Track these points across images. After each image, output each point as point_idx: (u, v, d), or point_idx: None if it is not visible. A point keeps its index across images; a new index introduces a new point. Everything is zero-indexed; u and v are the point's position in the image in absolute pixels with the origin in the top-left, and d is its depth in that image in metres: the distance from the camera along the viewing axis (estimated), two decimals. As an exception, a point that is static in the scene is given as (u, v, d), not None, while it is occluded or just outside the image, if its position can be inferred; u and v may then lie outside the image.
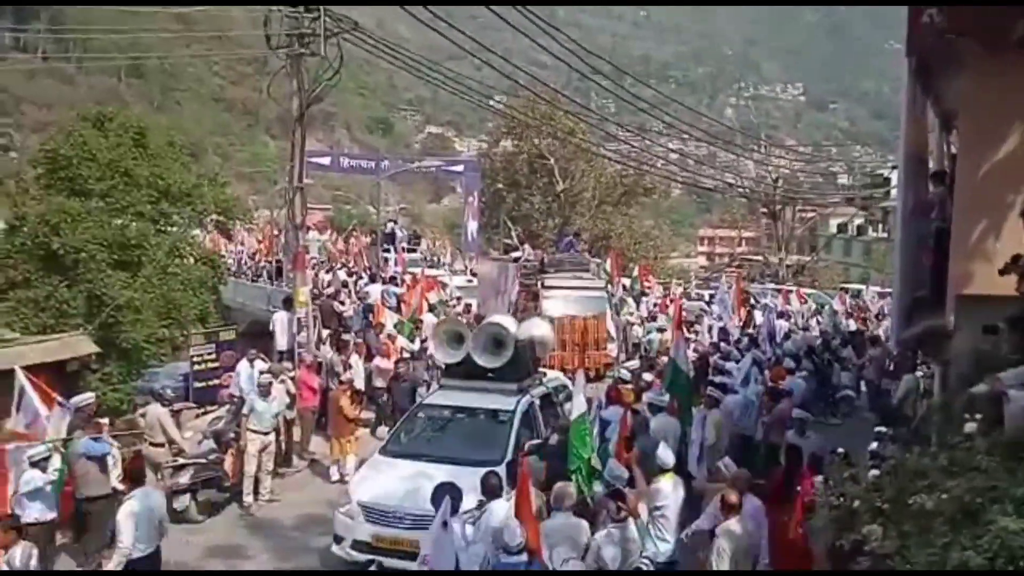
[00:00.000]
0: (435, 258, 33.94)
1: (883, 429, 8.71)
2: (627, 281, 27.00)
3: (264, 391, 12.23)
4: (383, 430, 14.42)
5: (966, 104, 8.16)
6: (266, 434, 12.11)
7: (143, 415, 12.13)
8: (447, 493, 7.25)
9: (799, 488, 7.67)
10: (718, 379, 13.39)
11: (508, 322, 11.96)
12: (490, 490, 7.83)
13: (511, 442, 10.10)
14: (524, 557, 6.74)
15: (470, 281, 26.98)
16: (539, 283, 21.17)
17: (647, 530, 7.50)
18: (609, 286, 22.30)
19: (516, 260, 23.72)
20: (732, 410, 11.97)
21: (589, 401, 9.63)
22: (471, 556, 7.04)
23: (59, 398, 10.62)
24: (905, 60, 8.53)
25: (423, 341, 17.40)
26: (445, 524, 6.75)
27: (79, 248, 18.78)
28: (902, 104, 8.95)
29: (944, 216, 8.51)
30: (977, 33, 7.22)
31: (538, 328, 12.62)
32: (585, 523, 7.57)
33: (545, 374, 12.33)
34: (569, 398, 11.95)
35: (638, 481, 8.12)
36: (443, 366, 12.22)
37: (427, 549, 6.97)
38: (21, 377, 10.49)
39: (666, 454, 8.30)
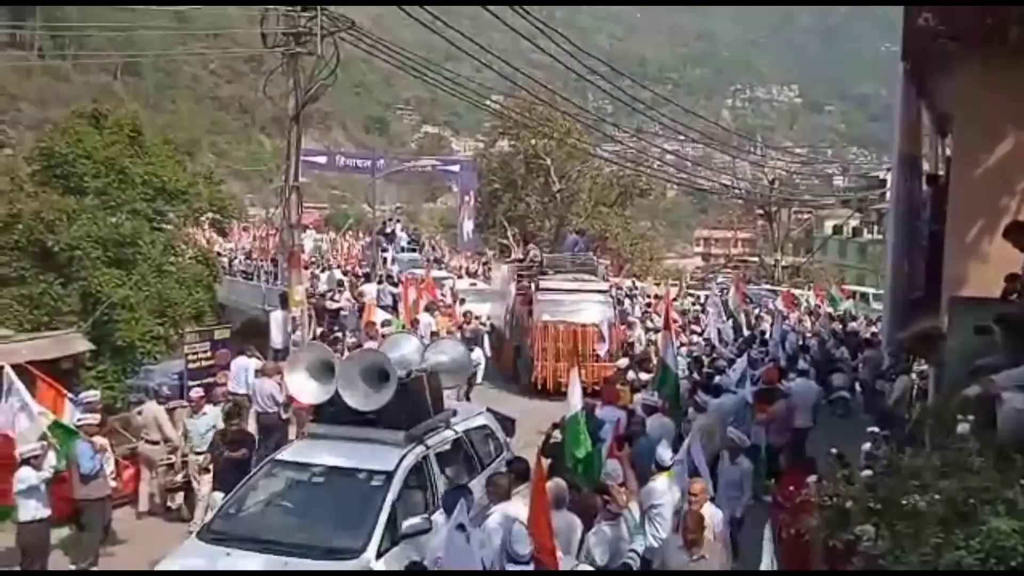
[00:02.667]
0: (436, 260, 33.86)
1: (876, 429, 8.74)
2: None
3: (195, 406, 11.35)
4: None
5: (961, 108, 8.20)
6: (199, 454, 10.98)
7: (139, 413, 12.13)
8: (459, 496, 6.96)
9: (792, 489, 7.70)
10: (717, 379, 13.40)
11: (408, 347, 9.39)
12: (497, 492, 7.59)
13: (381, 519, 7.41)
14: (531, 567, 6.50)
15: (474, 284, 26.85)
16: (533, 285, 19.45)
17: (639, 528, 7.51)
18: (613, 289, 21.08)
19: (521, 261, 23.20)
20: (727, 412, 11.96)
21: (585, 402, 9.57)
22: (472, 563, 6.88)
23: (69, 394, 10.63)
24: (900, 63, 8.56)
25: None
26: (461, 527, 6.51)
27: (73, 245, 18.77)
28: (896, 107, 8.99)
29: (930, 217, 8.57)
30: (972, 37, 7.25)
31: (448, 352, 9.80)
32: (579, 521, 7.58)
33: (455, 412, 9.39)
34: (494, 439, 10.06)
35: (629, 481, 8.14)
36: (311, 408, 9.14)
37: (440, 552, 6.75)
38: (11, 374, 10.38)
39: (664, 452, 8.33)
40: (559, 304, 18.37)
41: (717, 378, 13.59)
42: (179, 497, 11.39)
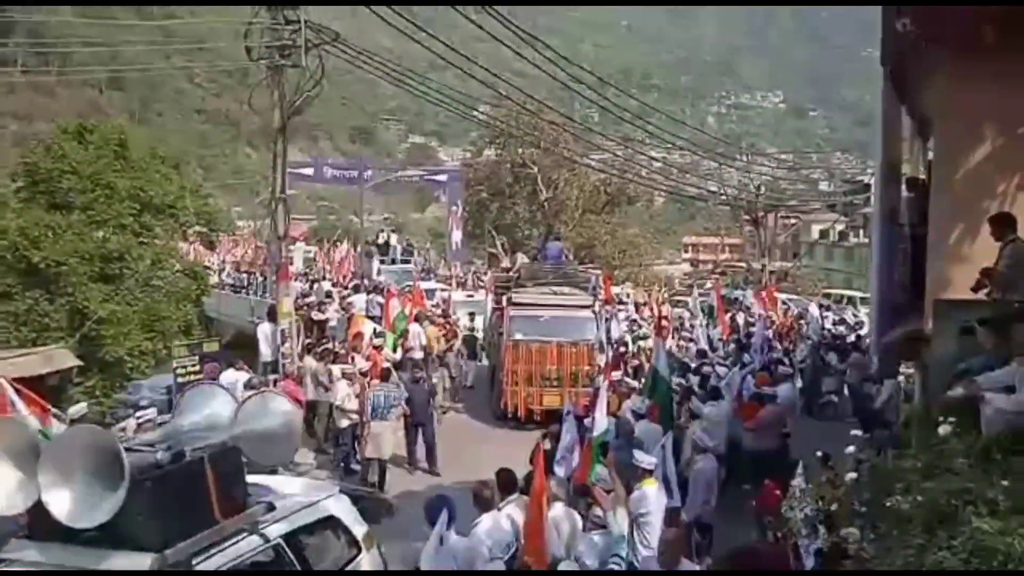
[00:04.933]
0: (426, 270, 33.75)
1: (859, 432, 8.78)
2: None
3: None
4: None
5: (940, 111, 8.29)
6: None
7: (123, 429, 12.05)
8: (442, 506, 6.77)
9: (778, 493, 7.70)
10: (712, 381, 13.44)
11: (214, 406, 6.17)
12: (481, 503, 7.57)
13: None
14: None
15: (470, 296, 26.57)
16: (505, 299, 17.51)
17: (625, 536, 7.51)
18: (597, 304, 18.42)
19: (508, 271, 22.49)
20: (721, 418, 11.98)
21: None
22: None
23: (55, 410, 10.56)
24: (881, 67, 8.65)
25: (406, 352, 17.39)
26: (442, 540, 6.42)
27: (60, 261, 18.72)
28: (879, 111, 9.08)
29: (914, 221, 8.65)
30: (949, 41, 7.34)
31: (269, 414, 6.21)
32: (577, 515, 7.64)
33: (272, 507, 6.04)
34: (346, 535, 7.03)
35: (616, 486, 8.14)
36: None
37: (426, 565, 6.62)
38: (8, 389, 10.31)
39: (642, 457, 8.34)
40: (534, 321, 16.39)
41: (711, 382, 13.66)
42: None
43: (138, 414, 10.17)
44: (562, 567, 6.93)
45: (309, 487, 7.37)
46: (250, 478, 6.23)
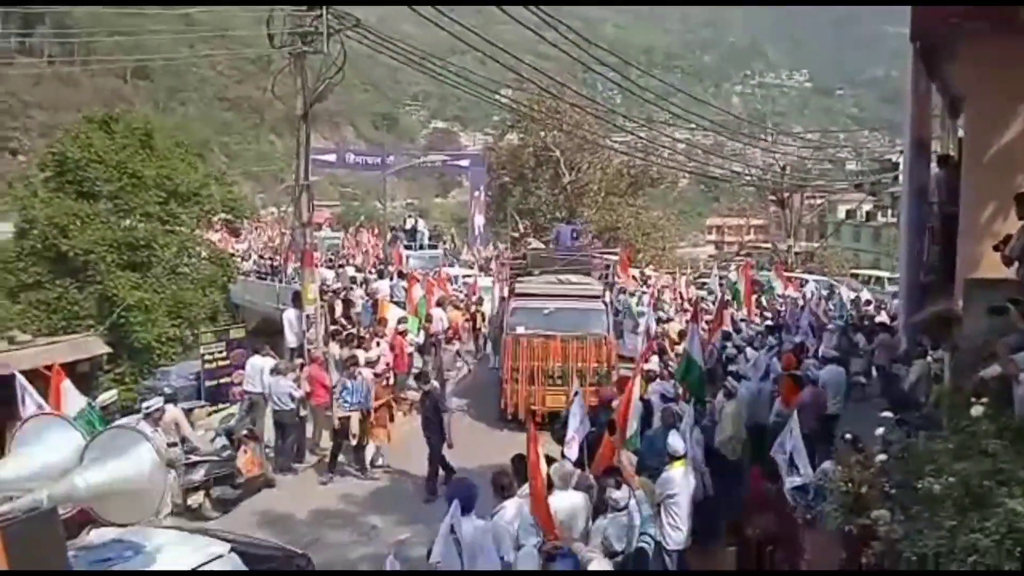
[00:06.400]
0: (453, 255, 33.73)
1: (889, 414, 8.68)
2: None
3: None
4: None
5: (972, 88, 8.13)
6: None
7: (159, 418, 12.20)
8: (461, 493, 6.65)
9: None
10: (733, 367, 13.34)
11: (58, 452, 4.64)
12: (500, 489, 7.56)
13: None
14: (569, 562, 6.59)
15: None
16: (507, 290, 16.14)
17: (652, 518, 7.49)
18: (608, 293, 16.79)
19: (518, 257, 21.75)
20: (751, 398, 11.89)
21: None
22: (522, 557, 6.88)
23: (86, 398, 10.70)
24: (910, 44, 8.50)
25: (429, 336, 17.43)
26: (452, 528, 6.31)
27: (88, 250, 18.96)
28: (907, 89, 8.94)
29: (944, 199, 8.52)
30: (982, 17, 7.19)
31: (121, 458, 4.55)
32: (586, 499, 7.63)
33: None
34: None
35: (625, 467, 8.14)
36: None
37: (438, 555, 6.45)
38: (23, 381, 10.37)
39: (676, 441, 8.31)
40: (537, 313, 14.83)
41: (732, 366, 13.56)
42: (199, 495, 11.48)
43: (146, 404, 10.22)
44: (583, 552, 6.94)
45: (194, 546, 5.87)
46: (113, 534, 5.12)
